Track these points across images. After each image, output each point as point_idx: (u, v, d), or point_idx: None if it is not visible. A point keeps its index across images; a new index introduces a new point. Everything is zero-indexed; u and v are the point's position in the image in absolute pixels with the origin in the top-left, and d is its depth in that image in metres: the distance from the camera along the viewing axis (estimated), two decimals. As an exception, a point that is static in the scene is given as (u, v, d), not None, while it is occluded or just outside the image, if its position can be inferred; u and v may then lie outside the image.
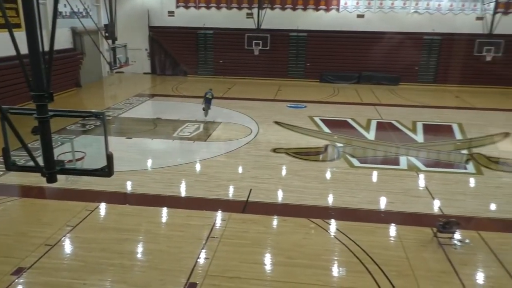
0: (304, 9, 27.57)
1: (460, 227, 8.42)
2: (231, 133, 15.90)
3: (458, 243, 8.31)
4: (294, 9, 27.64)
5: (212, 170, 12.16)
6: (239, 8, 27.85)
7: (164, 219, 9.48)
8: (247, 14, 27.77)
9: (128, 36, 24.91)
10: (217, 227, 8.86)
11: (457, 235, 8.45)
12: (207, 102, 17.37)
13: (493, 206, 10.32)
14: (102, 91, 25.14)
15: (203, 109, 17.29)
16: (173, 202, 10.16)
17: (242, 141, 14.88)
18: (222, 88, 24.39)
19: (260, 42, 26.47)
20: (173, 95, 23.02)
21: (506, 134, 16.38)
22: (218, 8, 28.03)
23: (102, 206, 9.81)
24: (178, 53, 29.06)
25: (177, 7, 28.30)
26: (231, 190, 10.92)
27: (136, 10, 28.34)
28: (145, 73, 29.68)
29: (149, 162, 12.88)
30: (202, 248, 8.04)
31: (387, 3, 26.84)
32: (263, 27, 26.90)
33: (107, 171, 4.98)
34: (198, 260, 7.66)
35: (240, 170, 12.40)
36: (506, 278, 7.33)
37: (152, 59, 29.51)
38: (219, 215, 9.43)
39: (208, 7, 28.05)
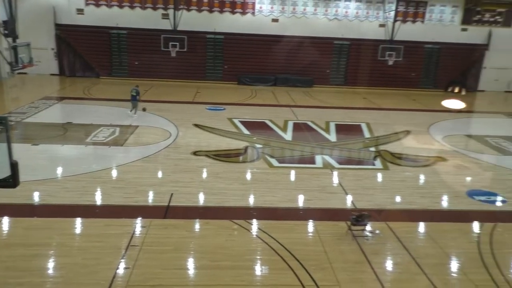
0: (221, 11, 27.73)
1: (371, 219, 9.09)
2: (149, 136, 15.45)
3: (370, 234, 8.96)
4: (210, 11, 27.68)
5: (130, 175, 11.71)
6: (154, 8, 27.19)
7: (78, 230, 8.91)
8: (163, 14, 27.21)
9: (31, 34, 22.99)
10: (137, 235, 8.55)
11: (369, 227, 9.10)
12: (132, 99, 17.63)
13: (398, 198, 11.27)
14: (2, 94, 22.90)
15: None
16: (89, 211, 9.60)
17: (161, 145, 14.53)
18: (138, 91, 23.60)
19: (177, 43, 26.04)
20: (85, 98, 21.75)
21: (408, 132, 18.01)
22: (132, 7, 27.08)
23: (5, 221, 8.95)
24: (89, 54, 27.51)
25: (87, 4, 26.82)
26: (151, 195, 10.61)
27: (40, 6, 26.31)
28: (52, 75, 27.66)
29: (60, 170, 12.01)
30: (122, 258, 7.71)
31: (300, 9, 28.03)
32: (179, 28, 26.54)
33: (11, 181, 4.62)
34: (118, 270, 7.33)
35: (160, 174, 12.10)
36: (413, 264, 8.06)
37: (60, 59, 27.59)
38: (139, 222, 9.10)
39: (121, 6, 26.97)
